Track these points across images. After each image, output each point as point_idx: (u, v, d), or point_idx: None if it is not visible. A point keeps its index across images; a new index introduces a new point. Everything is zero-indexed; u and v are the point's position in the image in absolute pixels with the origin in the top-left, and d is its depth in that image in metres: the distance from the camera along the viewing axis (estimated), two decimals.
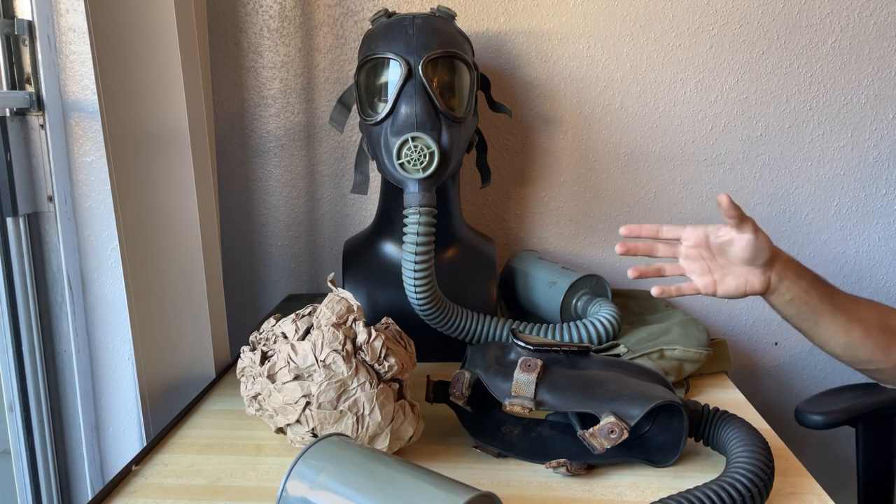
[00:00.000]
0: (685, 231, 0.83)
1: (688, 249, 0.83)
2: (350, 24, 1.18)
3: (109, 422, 0.87)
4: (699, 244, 0.82)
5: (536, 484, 0.68)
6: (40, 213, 0.84)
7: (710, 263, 0.82)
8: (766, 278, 0.80)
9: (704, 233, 0.82)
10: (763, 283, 0.80)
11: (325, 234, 1.26)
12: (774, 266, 0.80)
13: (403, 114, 0.85)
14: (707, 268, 0.82)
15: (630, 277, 0.81)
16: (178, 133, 0.87)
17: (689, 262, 0.83)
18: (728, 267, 0.81)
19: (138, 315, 0.83)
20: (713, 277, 0.82)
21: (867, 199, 1.21)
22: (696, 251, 0.82)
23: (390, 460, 0.55)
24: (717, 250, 0.81)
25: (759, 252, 0.79)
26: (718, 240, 0.81)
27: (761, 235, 0.79)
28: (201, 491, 0.68)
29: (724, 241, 0.80)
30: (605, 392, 0.68)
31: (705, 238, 0.82)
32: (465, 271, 0.99)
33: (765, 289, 0.81)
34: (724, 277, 0.81)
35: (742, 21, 1.15)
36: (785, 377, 1.27)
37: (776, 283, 0.80)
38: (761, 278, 0.80)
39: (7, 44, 0.80)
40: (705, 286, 0.82)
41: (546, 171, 1.22)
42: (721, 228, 0.81)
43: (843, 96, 1.17)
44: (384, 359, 0.71)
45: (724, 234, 0.80)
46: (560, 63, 1.18)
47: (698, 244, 0.82)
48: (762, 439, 0.64)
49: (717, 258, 0.82)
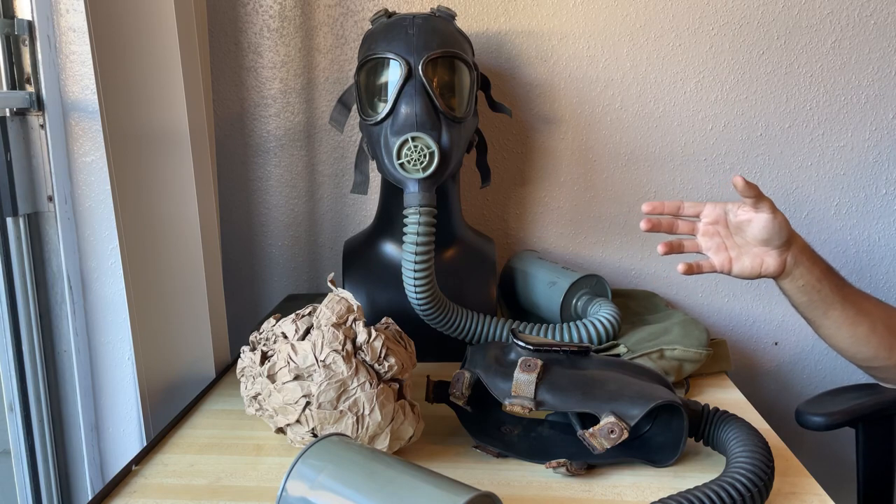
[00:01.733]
0: (705, 208, 0.83)
1: (706, 226, 0.83)
2: (350, 24, 1.18)
3: (109, 422, 0.87)
4: (717, 221, 0.83)
5: (536, 484, 0.68)
6: (40, 213, 0.84)
7: (726, 241, 0.82)
8: (782, 260, 0.80)
9: (723, 210, 0.82)
10: (778, 265, 0.80)
11: (325, 234, 1.26)
12: (791, 249, 0.80)
13: (403, 114, 0.85)
14: (723, 245, 0.82)
15: (660, 253, 0.82)
16: (178, 133, 0.87)
17: (706, 238, 0.83)
18: (745, 246, 0.82)
19: (138, 315, 0.83)
20: (729, 255, 0.82)
21: (867, 199, 1.21)
22: (714, 228, 0.83)
23: (390, 460, 0.55)
24: (734, 229, 0.82)
25: (776, 233, 0.79)
26: (737, 218, 0.81)
27: (779, 216, 0.79)
28: (201, 491, 0.68)
29: (741, 220, 0.80)
30: (605, 392, 0.68)
31: (724, 215, 0.82)
32: (465, 271, 0.99)
33: (780, 271, 0.81)
34: (740, 256, 0.81)
35: (742, 21, 1.15)
36: (785, 377, 1.27)
37: (791, 267, 0.80)
38: (777, 260, 0.80)
39: (7, 44, 0.80)
40: (721, 263, 0.82)
41: (546, 171, 1.22)
42: (740, 207, 0.81)
43: (843, 96, 1.17)
44: (384, 359, 0.71)
45: (743, 214, 0.80)
46: (560, 63, 1.18)
47: (716, 221, 0.83)
48: (762, 439, 0.64)
49: (734, 236, 0.82)
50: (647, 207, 0.84)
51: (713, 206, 0.83)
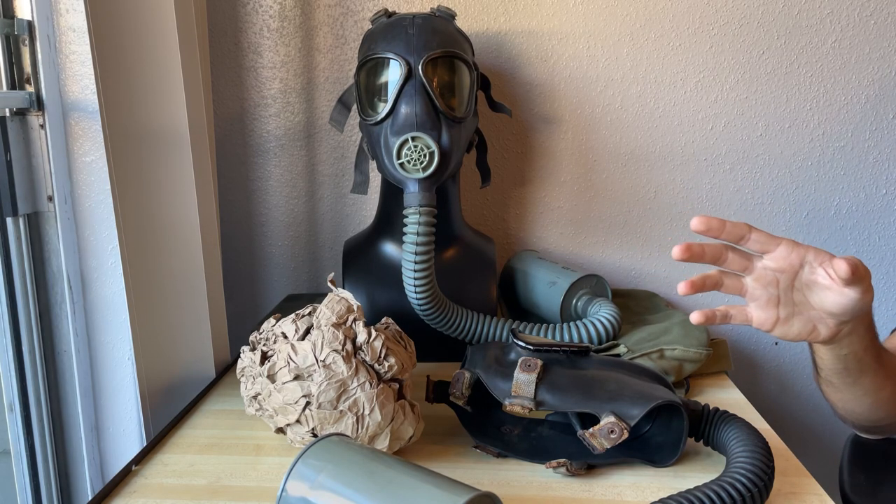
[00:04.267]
0: (780, 247, 0.62)
1: (765, 270, 0.63)
2: (350, 23, 1.18)
3: (109, 422, 0.87)
4: (786, 270, 0.63)
5: (536, 484, 0.68)
6: (40, 212, 0.84)
7: (782, 295, 0.63)
8: (839, 330, 0.64)
9: (801, 260, 0.62)
10: (832, 334, 0.64)
11: (325, 234, 1.26)
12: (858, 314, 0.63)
13: (403, 114, 0.85)
14: (776, 300, 0.63)
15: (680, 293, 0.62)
16: (178, 133, 0.87)
17: (760, 285, 0.63)
18: (802, 307, 0.64)
19: (138, 315, 0.83)
20: (777, 314, 0.64)
21: (867, 199, 1.21)
22: (775, 276, 0.63)
23: (390, 460, 0.55)
24: (800, 284, 0.63)
25: (854, 312, 0.62)
26: (812, 276, 0.62)
27: (868, 296, 0.61)
28: (201, 491, 0.68)
29: (817, 282, 0.62)
30: (605, 392, 0.68)
31: (798, 267, 0.62)
32: (465, 271, 0.99)
33: (829, 340, 0.66)
34: (790, 318, 0.64)
35: (742, 21, 1.15)
36: (785, 377, 1.27)
37: (843, 336, 0.65)
38: (832, 331, 0.64)
39: (7, 44, 0.80)
40: (762, 322, 0.64)
41: (546, 171, 1.22)
42: (823, 262, 0.61)
43: (843, 96, 1.17)
44: (384, 359, 0.71)
45: (822, 276, 0.61)
46: (560, 63, 1.18)
47: (785, 269, 0.63)
48: (762, 439, 0.64)
49: (793, 292, 0.63)
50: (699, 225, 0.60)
51: (790, 248, 0.62)
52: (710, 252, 0.62)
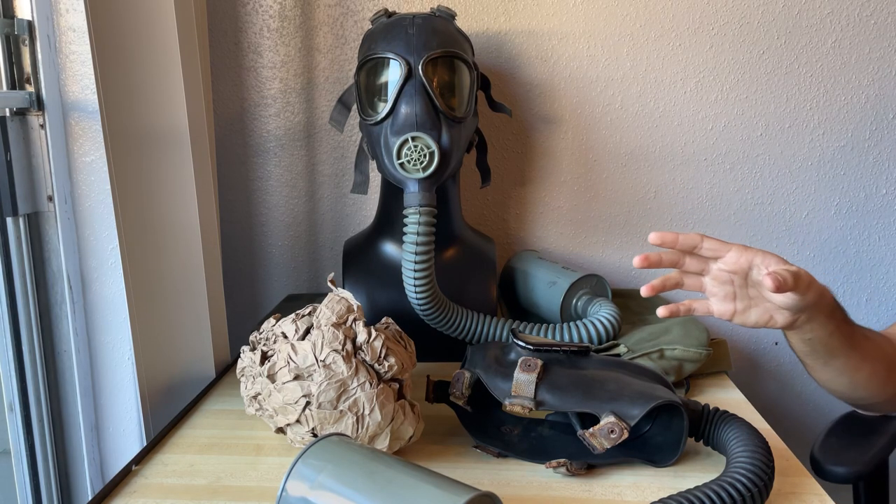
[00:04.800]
0: (730, 253, 0.70)
1: (720, 272, 0.71)
2: (350, 23, 1.18)
3: (109, 422, 0.87)
4: (737, 271, 0.71)
5: (536, 484, 0.68)
6: (40, 212, 0.84)
7: (738, 291, 0.72)
8: (794, 319, 0.71)
9: (749, 263, 0.70)
10: (788, 322, 0.71)
11: (325, 234, 1.26)
12: (808, 308, 0.70)
13: (403, 113, 0.85)
14: (732, 294, 0.72)
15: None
16: (178, 133, 0.87)
17: (716, 284, 0.72)
18: (757, 300, 0.71)
19: (138, 315, 0.83)
20: (735, 307, 0.72)
21: (867, 199, 1.21)
22: (729, 276, 0.71)
23: (390, 460, 0.55)
24: (752, 282, 0.71)
25: (801, 308, 0.69)
26: (759, 277, 0.69)
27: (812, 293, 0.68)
28: (201, 491, 0.68)
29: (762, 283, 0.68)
30: (605, 392, 0.68)
31: (747, 269, 0.70)
32: (465, 271, 0.99)
33: (788, 327, 0.72)
34: (748, 309, 0.72)
35: (742, 21, 1.15)
36: (785, 377, 1.27)
37: (802, 323, 0.71)
38: (789, 318, 0.71)
39: (7, 44, 0.80)
40: (721, 312, 0.72)
41: (546, 171, 1.22)
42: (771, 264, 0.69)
43: (843, 96, 1.17)
44: (384, 359, 0.71)
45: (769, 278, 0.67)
46: (560, 63, 1.18)
47: (736, 271, 0.71)
48: (762, 439, 0.64)
49: (748, 287, 0.71)
50: (655, 239, 0.69)
51: (739, 253, 0.70)
52: (668, 259, 0.71)
